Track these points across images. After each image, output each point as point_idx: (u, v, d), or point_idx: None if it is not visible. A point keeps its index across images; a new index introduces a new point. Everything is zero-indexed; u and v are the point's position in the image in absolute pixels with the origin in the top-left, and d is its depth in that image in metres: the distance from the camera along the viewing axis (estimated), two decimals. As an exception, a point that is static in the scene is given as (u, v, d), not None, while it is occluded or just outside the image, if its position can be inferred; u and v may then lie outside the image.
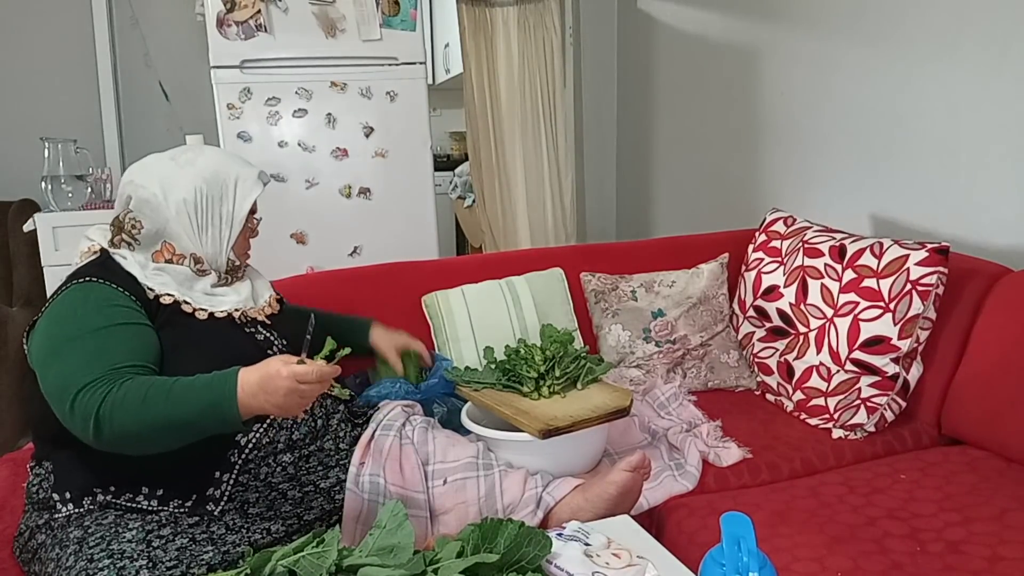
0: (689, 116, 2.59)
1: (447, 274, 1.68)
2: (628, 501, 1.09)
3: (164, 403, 0.89)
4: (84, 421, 0.89)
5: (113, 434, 0.89)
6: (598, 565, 0.82)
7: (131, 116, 2.67)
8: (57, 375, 0.93)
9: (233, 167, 1.11)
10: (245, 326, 1.10)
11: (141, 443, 0.91)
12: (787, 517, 1.09)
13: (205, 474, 1.01)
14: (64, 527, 0.95)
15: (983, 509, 1.06)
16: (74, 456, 0.99)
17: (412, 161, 2.26)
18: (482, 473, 1.11)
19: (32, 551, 0.98)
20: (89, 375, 0.91)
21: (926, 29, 1.63)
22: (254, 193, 1.11)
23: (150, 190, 1.06)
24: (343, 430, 1.14)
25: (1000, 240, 1.53)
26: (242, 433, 1.02)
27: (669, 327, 1.65)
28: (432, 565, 0.76)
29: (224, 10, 2.04)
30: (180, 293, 1.05)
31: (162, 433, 0.90)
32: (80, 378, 0.91)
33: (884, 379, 1.37)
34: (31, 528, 0.99)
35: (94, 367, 0.92)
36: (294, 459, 1.06)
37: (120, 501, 0.97)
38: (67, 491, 0.98)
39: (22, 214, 2.29)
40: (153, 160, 1.11)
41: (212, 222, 1.08)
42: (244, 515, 1.00)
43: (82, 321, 0.96)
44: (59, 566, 0.90)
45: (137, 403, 0.89)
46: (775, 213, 1.76)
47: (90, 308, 0.98)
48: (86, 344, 0.94)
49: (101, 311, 0.97)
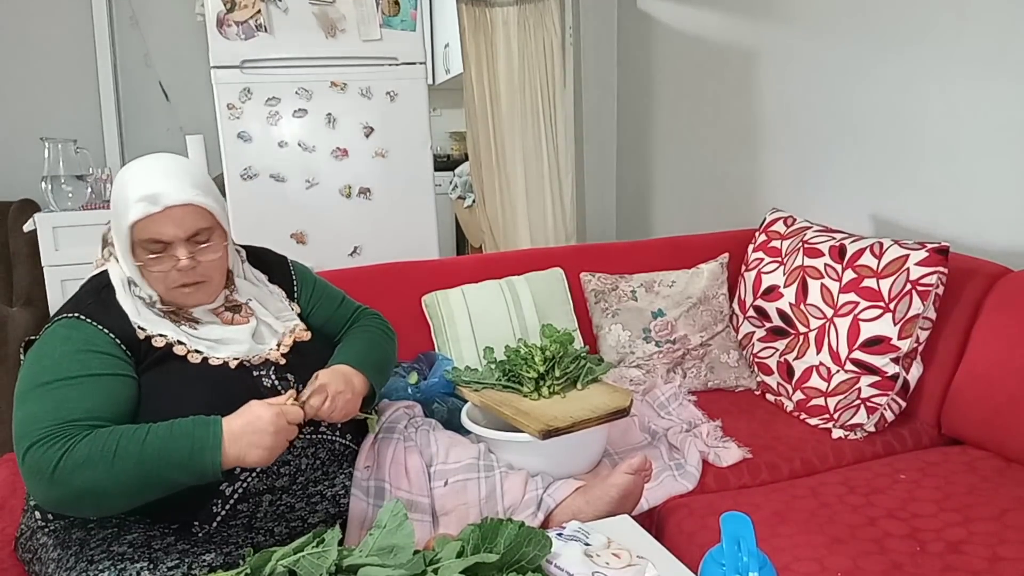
0: (689, 116, 2.59)
1: (447, 274, 1.68)
2: (629, 503, 1.09)
3: (138, 453, 0.84)
4: (35, 479, 0.84)
5: (69, 495, 0.83)
6: (598, 565, 0.82)
7: (131, 116, 2.67)
8: (18, 421, 0.88)
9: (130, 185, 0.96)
10: (253, 369, 1.02)
11: (103, 501, 0.85)
12: (787, 517, 1.09)
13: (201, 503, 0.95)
14: (68, 528, 0.95)
15: (983, 509, 1.06)
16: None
17: (412, 161, 2.26)
18: (483, 474, 1.11)
19: (33, 551, 0.97)
20: (44, 429, 0.85)
21: (927, 30, 1.63)
22: (130, 214, 0.94)
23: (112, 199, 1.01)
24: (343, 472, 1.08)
25: (1000, 240, 1.53)
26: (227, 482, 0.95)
27: (669, 327, 1.65)
28: (432, 565, 0.76)
29: (224, 10, 2.04)
30: (174, 333, 0.98)
31: (132, 490, 0.85)
32: (34, 431, 0.85)
33: (884, 379, 1.37)
34: (32, 528, 0.99)
35: (53, 418, 0.86)
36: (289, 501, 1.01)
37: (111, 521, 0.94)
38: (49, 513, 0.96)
39: (22, 214, 2.29)
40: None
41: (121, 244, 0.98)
42: (248, 522, 1.00)
43: (57, 366, 0.90)
44: (60, 567, 0.90)
45: (105, 456, 0.83)
46: (775, 213, 1.76)
47: (68, 351, 0.91)
48: (53, 393, 0.88)
49: (77, 357, 0.91)
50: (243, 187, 2.15)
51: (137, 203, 0.94)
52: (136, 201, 0.94)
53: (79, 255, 2.11)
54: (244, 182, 2.15)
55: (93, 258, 1.06)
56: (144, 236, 0.95)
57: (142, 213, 0.94)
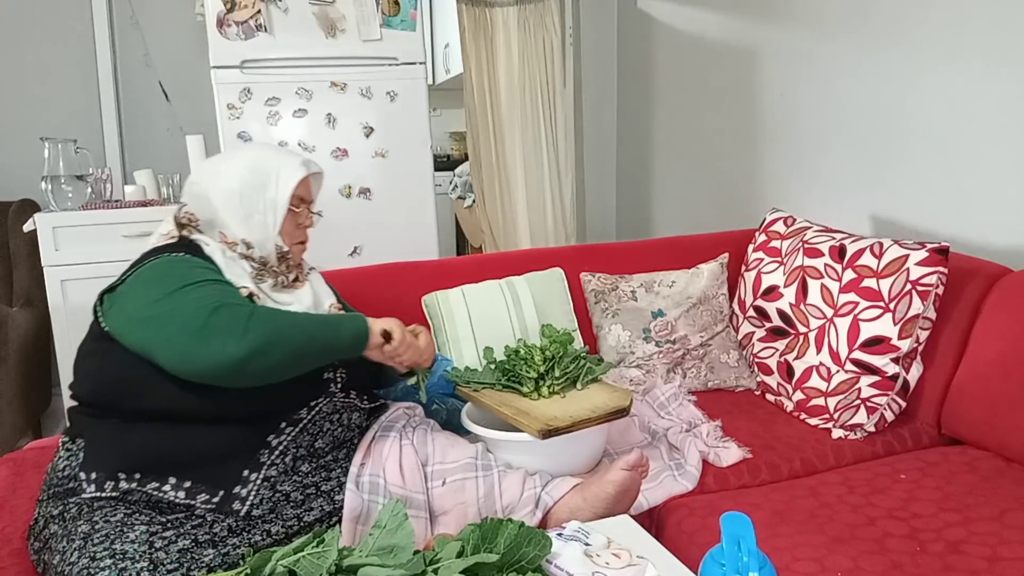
0: (689, 116, 2.59)
1: (447, 274, 1.68)
2: (627, 500, 1.09)
3: (307, 319, 1.03)
4: (226, 333, 0.93)
5: (263, 342, 0.94)
6: (598, 565, 0.82)
7: (131, 116, 2.68)
8: (180, 305, 0.95)
9: (275, 157, 1.16)
10: None
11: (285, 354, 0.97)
12: (787, 517, 1.09)
13: (235, 470, 1.01)
14: (75, 519, 0.95)
15: (983, 509, 1.07)
16: (108, 434, 0.99)
17: (412, 161, 2.26)
18: (481, 473, 1.11)
19: (44, 540, 0.98)
20: (219, 301, 0.96)
21: (926, 29, 1.63)
22: (295, 177, 1.13)
23: (201, 184, 1.14)
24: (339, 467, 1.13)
25: (1000, 240, 1.53)
26: (274, 434, 1.04)
27: (669, 327, 1.65)
28: (432, 565, 0.76)
29: (224, 10, 2.04)
30: (252, 287, 1.09)
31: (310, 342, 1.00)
32: (211, 302, 0.95)
33: (884, 379, 1.37)
34: (46, 517, 0.99)
35: (220, 297, 0.97)
36: (312, 468, 1.07)
37: (145, 489, 0.97)
38: (93, 471, 0.98)
39: (22, 214, 2.29)
40: (208, 160, 1.21)
41: (256, 208, 1.12)
42: (247, 517, 1.00)
43: (190, 273, 1.01)
44: (64, 560, 0.91)
45: (286, 317, 1.00)
46: (775, 213, 1.76)
47: (193, 268, 1.02)
48: (203, 287, 0.99)
49: (205, 271, 1.03)
50: (243, 187, 2.15)
51: (301, 165, 1.15)
52: (300, 164, 1.15)
53: (79, 255, 2.11)
54: (244, 182, 2.15)
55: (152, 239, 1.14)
56: (299, 192, 1.15)
57: (307, 171, 1.15)
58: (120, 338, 1.00)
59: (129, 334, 0.99)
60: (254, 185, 1.12)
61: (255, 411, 1.03)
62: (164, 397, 0.99)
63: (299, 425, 1.06)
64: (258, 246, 1.13)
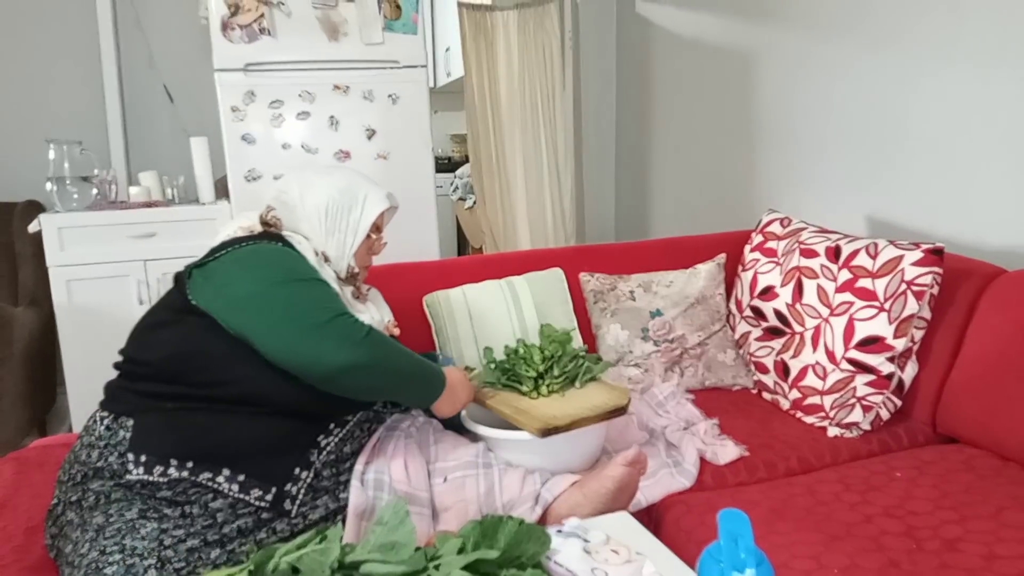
0: (687, 118, 2.60)
1: (448, 274, 1.69)
2: (625, 496, 1.10)
3: (409, 358, 1.06)
4: (343, 340, 0.97)
5: (370, 361, 0.98)
6: (597, 561, 0.83)
7: (135, 118, 2.69)
8: (299, 298, 0.99)
9: (364, 184, 1.22)
10: None
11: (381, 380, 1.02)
12: (784, 514, 1.10)
13: (288, 468, 1.02)
14: (92, 509, 0.96)
15: (979, 507, 1.07)
16: (165, 417, 0.99)
17: (413, 163, 2.27)
18: (482, 471, 1.12)
19: (60, 527, 0.98)
20: (340, 308, 1.01)
21: (922, 30, 1.64)
22: (379, 207, 1.20)
23: (291, 193, 1.19)
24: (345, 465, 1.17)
25: (994, 240, 1.54)
26: (323, 434, 1.08)
27: (667, 327, 1.66)
28: (433, 561, 0.76)
29: (228, 13, 2.06)
30: (338, 289, 1.14)
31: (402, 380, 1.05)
32: (333, 306, 1.00)
33: (879, 378, 1.38)
34: (64, 503, 0.99)
35: (338, 304, 1.02)
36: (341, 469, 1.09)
37: (197, 479, 0.97)
38: (144, 453, 0.97)
39: (27, 215, 2.30)
40: (300, 172, 1.24)
41: (339, 227, 1.18)
42: (256, 517, 1.01)
43: (297, 268, 1.05)
44: (75, 550, 0.92)
45: (394, 348, 1.04)
46: (771, 214, 1.78)
47: (299, 262, 1.07)
48: (316, 285, 1.04)
49: (311, 270, 1.07)
50: (246, 189, 2.17)
51: (386, 198, 1.23)
52: (385, 196, 1.23)
53: (84, 255, 2.13)
54: (247, 184, 2.17)
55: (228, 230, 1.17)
56: (377, 221, 1.23)
57: (391, 203, 1.24)
58: (216, 314, 1.01)
59: (230, 313, 1.00)
60: (341, 205, 1.18)
61: (314, 410, 1.06)
62: (235, 378, 1.00)
63: (345, 427, 1.10)
64: (333, 261, 1.19)
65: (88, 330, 2.13)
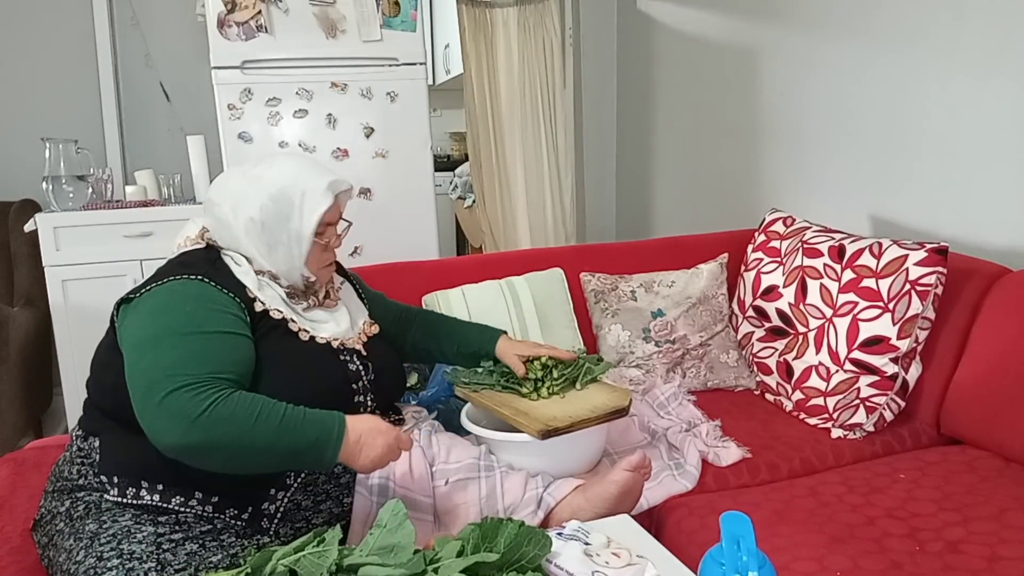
0: (689, 116, 2.59)
1: (447, 274, 1.69)
2: (629, 501, 1.09)
3: (275, 428, 0.89)
4: (174, 420, 0.86)
5: (204, 443, 0.86)
6: (598, 564, 0.82)
7: (132, 116, 2.68)
8: (153, 365, 0.89)
9: (301, 180, 1.06)
10: (340, 353, 1.10)
11: (227, 458, 0.88)
12: (786, 517, 1.09)
13: (262, 489, 0.99)
14: (83, 518, 0.95)
15: (982, 509, 1.07)
16: (126, 441, 0.96)
17: (412, 161, 2.26)
18: (483, 474, 1.11)
19: (50, 536, 0.98)
20: (190, 376, 0.88)
21: (925, 29, 1.63)
22: (320, 207, 1.05)
23: (223, 208, 1.07)
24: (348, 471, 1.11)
25: (999, 240, 1.53)
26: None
27: (669, 327, 1.65)
28: (432, 564, 0.76)
29: (225, 11, 2.04)
30: (286, 310, 1.06)
31: (256, 456, 0.89)
32: (179, 376, 0.88)
33: (883, 379, 1.38)
34: (52, 512, 0.98)
35: (197, 368, 0.89)
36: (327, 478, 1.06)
37: (169, 505, 0.94)
38: (115, 475, 0.95)
39: (23, 214, 2.29)
40: (228, 176, 1.11)
41: (280, 240, 1.06)
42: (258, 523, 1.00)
43: (190, 318, 0.94)
44: (70, 558, 0.91)
45: (247, 420, 0.87)
46: (774, 213, 1.77)
47: (200, 307, 0.96)
48: (191, 342, 0.92)
49: (211, 314, 0.96)
50: (243, 187, 2.15)
51: (326, 190, 1.06)
52: (325, 189, 1.06)
53: (80, 255, 2.12)
54: (244, 182, 2.15)
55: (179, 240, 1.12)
56: (328, 218, 1.08)
57: (333, 194, 1.07)
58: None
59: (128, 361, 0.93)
60: (277, 214, 1.05)
61: None
62: None
63: None
64: (284, 276, 1.08)
65: (84, 330, 2.12)
